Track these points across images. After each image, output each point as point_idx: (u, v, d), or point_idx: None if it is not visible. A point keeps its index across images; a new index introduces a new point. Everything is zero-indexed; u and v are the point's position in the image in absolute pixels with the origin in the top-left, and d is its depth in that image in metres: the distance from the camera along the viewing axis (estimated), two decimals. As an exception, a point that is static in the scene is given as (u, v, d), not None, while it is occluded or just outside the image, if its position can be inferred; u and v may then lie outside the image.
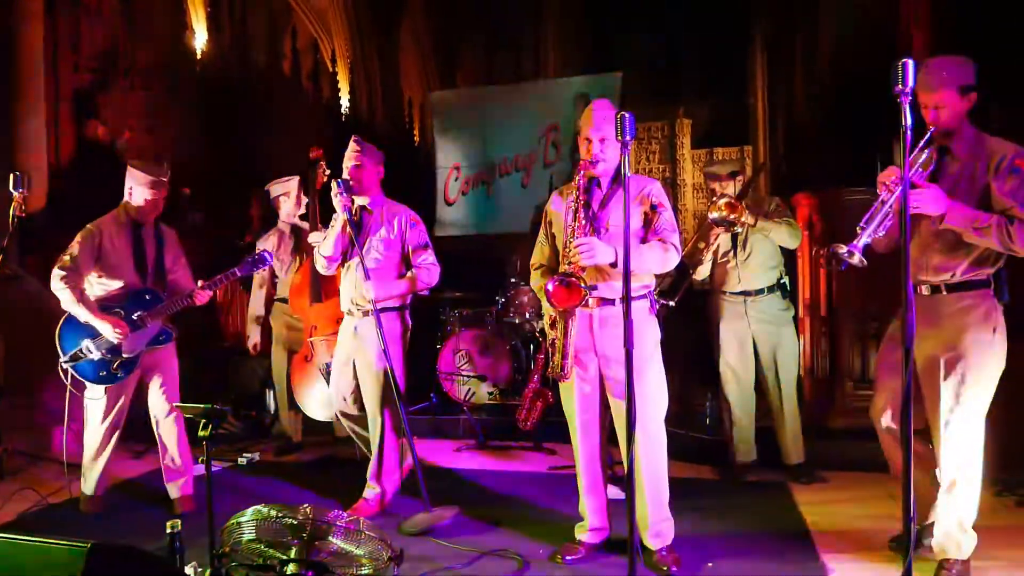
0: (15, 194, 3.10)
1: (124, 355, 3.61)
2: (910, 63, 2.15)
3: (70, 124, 6.07)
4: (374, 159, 3.65)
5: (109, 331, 3.53)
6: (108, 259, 3.63)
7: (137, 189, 3.65)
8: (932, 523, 2.79)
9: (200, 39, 7.29)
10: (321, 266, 3.64)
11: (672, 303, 3.88)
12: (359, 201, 3.61)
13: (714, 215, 3.75)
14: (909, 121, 2.18)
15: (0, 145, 5.29)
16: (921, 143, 2.59)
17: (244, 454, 4.69)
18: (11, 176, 3.10)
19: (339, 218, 3.51)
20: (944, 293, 2.68)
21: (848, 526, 3.32)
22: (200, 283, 3.71)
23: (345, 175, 3.55)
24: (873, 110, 6.77)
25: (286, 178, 4.76)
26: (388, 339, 3.43)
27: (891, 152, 5.62)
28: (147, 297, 3.66)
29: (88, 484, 3.76)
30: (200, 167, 7.01)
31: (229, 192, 7.36)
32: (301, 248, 4.61)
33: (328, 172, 4.44)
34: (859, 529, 3.26)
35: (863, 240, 2.52)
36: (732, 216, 3.71)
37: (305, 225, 4.63)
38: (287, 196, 4.72)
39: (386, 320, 3.50)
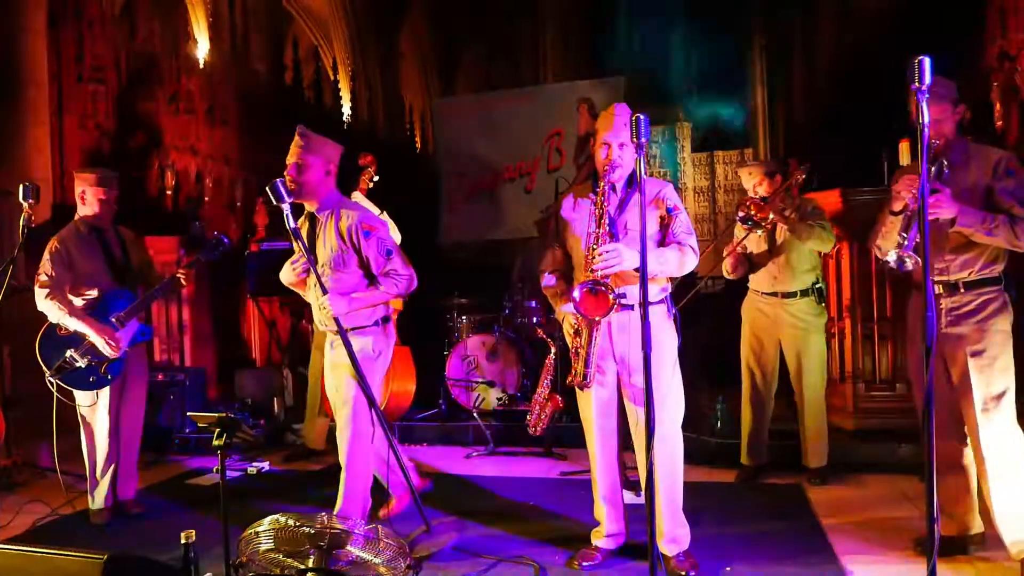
0: (24, 205, 3.08)
1: (110, 357, 3.61)
2: (927, 60, 2.13)
3: (75, 135, 6.06)
4: (322, 155, 3.11)
5: (103, 344, 3.54)
6: (80, 270, 3.65)
7: (89, 191, 3.68)
8: (977, 533, 2.88)
9: (202, 48, 7.30)
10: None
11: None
12: (307, 207, 3.18)
13: (741, 214, 3.79)
14: (927, 118, 2.16)
15: (4, 157, 5.28)
16: (927, 156, 2.64)
17: (254, 463, 4.67)
18: (20, 187, 3.09)
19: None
20: (963, 291, 2.77)
21: (866, 528, 3.29)
22: (167, 275, 3.71)
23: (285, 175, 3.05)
24: (874, 111, 6.79)
25: None
26: (361, 360, 3.00)
27: (895, 153, 5.62)
28: (120, 299, 3.69)
29: (99, 498, 3.72)
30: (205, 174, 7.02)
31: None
32: None
33: (375, 179, 4.31)
34: (877, 531, 3.24)
35: (910, 246, 2.60)
36: (758, 216, 3.73)
37: None
38: None
39: (359, 339, 3.12)
